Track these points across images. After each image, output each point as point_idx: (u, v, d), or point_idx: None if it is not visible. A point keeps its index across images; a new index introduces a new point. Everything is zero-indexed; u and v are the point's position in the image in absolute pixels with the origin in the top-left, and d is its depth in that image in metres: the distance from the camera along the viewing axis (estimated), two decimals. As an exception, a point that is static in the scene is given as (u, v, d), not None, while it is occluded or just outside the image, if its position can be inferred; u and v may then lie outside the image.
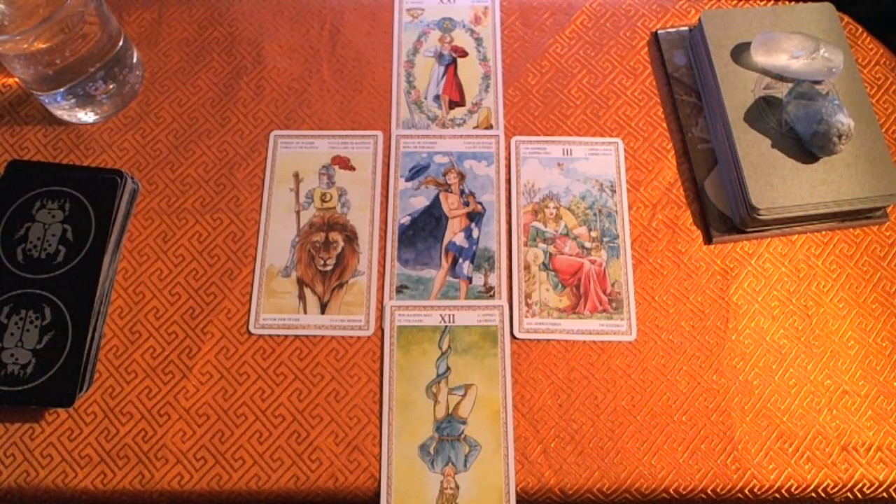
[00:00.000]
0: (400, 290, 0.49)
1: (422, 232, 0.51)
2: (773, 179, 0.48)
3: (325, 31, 0.57)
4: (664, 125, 0.54)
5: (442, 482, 0.44)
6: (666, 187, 0.52)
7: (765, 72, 0.52)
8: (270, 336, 0.48)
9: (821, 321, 0.49)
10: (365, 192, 0.52)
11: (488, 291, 0.49)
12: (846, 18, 0.57)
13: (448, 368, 0.47)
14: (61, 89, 0.49)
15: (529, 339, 0.48)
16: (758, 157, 0.49)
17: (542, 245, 0.50)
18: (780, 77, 0.52)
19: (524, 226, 0.51)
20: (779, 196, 0.48)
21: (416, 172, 0.53)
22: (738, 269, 0.50)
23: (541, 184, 0.52)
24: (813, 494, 0.45)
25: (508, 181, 0.52)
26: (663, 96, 0.55)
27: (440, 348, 0.47)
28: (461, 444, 0.45)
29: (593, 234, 0.51)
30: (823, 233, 0.51)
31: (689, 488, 0.44)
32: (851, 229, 0.51)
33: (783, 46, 0.51)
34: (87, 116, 0.53)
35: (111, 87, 0.52)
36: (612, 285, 0.49)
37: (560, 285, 0.49)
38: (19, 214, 0.48)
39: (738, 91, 0.51)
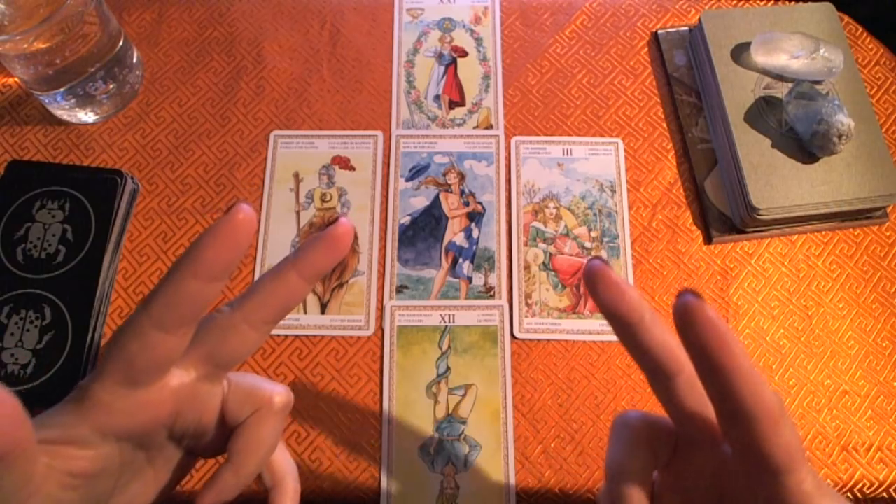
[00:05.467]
0: (400, 290, 0.49)
1: (422, 232, 0.51)
2: (773, 179, 0.48)
3: (325, 31, 0.57)
4: (664, 125, 0.54)
5: (442, 482, 0.44)
6: (666, 187, 0.52)
7: (765, 72, 0.52)
8: (270, 336, 0.48)
9: (821, 321, 0.49)
10: (365, 192, 0.52)
11: (488, 291, 0.49)
12: (846, 18, 0.57)
13: (448, 368, 0.47)
14: (61, 89, 0.49)
15: (529, 339, 0.48)
16: (758, 157, 0.49)
17: (542, 245, 0.50)
18: (780, 77, 0.52)
19: (524, 226, 0.51)
20: (779, 196, 0.48)
21: (416, 172, 0.53)
22: (738, 269, 0.50)
23: (541, 184, 0.52)
24: (813, 494, 0.45)
25: (508, 181, 0.52)
26: (663, 96, 0.55)
27: (440, 348, 0.47)
28: (461, 444, 0.45)
29: (593, 234, 0.51)
30: (823, 233, 0.51)
31: (689, 488, 0.44)
32: (851, 229, 0.51)
33: (783, 46, 0.51)
34: (87, 116, 0.53)
35: (111, 87, 0.52)
36: (612, 285, 0.49)
37: (560, 285, 0.49)
38: (19, 214, 0.48)
39: (738, 91, 0.51)
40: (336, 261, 0.26)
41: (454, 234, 0.51)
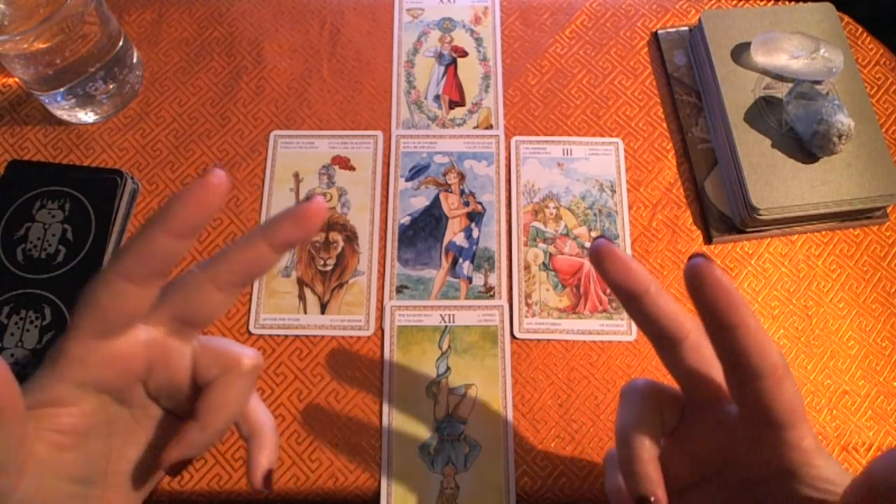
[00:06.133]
0: (400, 290, 0.49)
1: (422, 232, 0.51)
2: (773, 179, 0.48)
3: (325, 31, 0.57)
4: (664, 125, 0.54)
5: (442, 482, 0.44)
6: (666, 187, 0.52)
7: (765, 72, 0.52)
8: (270, 336, 0.48)
9: (821, 321, 0.49)
10: (365, 192, 0.52)
11: (488, 291, 0.49)
12: (846, 18, 0.57)
13: (448, 368, 0.47)
14: (61, 89, 0.49)
15: (529, 339, 0.48)
16: (758, 157, 0.49)
17: (542, 245, 0.50)
18: (780, 77, 0.52)
19: (524, 226, 0.51)
20: (779, 196, 0.48)
21: (416, 172, 0.53)
22: (738, 269, 0.50)
23: (541, 184, 0.52)
24: (813, 494, 0.45)
25: (508, 181, 0.52)
26: (663, 96, 0.55)
27: (440, 348, 0.47)
28: (461, 444, 0.45)
29: (593, 234, 0.51)
30: (823, 233, 0.51)
31: (689, 488, 0.44)
32: (851, 229, 0.51)
33: (783, 46, 0.51)
34: (87, 116, 0.53)
35: (111, 87, 0.52)
36: (612, 285, 0.49)
37: (560, 285, 0.49)
38: (19, 214, 0.48)
39: (738, 91, 0.51)
40: (305, 237, 0.27)
41: (454, 234, 0.51)
